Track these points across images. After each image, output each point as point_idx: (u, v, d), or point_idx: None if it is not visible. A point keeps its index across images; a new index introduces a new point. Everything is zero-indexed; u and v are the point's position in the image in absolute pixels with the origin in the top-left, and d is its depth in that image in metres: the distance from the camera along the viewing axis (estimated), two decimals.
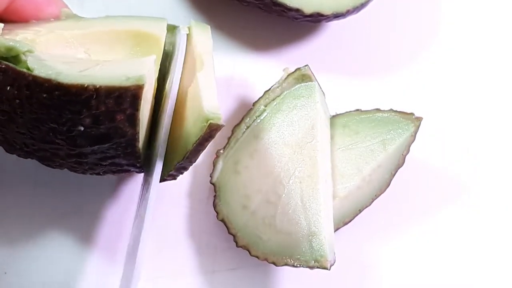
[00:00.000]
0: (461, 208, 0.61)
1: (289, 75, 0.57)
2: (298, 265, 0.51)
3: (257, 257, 0.52)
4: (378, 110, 0.57)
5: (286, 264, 0.51)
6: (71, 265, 0.56)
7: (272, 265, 0.53)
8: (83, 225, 0.56)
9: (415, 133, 0.56)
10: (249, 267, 0.57)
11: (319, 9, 0.56)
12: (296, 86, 0.56)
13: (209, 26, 0.55)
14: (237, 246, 0.52)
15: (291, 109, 0.55)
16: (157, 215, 0.57)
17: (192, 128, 0.46)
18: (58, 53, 0.50)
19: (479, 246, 0.60)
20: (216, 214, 0.54)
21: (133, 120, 0.43)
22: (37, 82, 0.42)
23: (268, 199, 0.53)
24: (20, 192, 0.56)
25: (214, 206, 0.54)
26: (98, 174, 0.50)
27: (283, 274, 0.58)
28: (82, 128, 0.44)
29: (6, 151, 0.48)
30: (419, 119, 0.56)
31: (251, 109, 0.56)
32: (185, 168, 0.49)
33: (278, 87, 0.56)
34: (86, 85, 0.42)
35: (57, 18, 0.53)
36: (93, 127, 0.44)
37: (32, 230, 0.56)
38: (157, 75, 0.51)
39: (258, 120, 0.55)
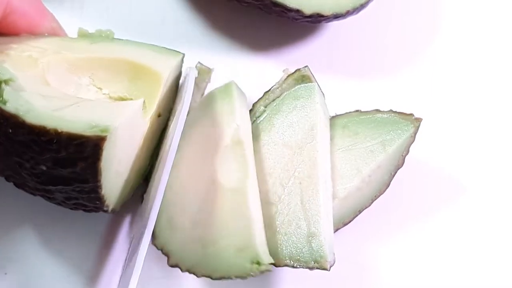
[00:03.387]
0: (460, 209, 0.61)
1: (289, 76, 0.57)
2: (297, 266, 0.50)
3: None
4: (377, 111, 0.57)
5: (285, 265, 0.51)
6: (72, 265, 0.56)
7: (272, 266, 0.53)
8: (85, 224, 0.57)
9: (415, 134, 0.56)
10: None
11: (319, 10, 0.56)
12: (296, 87, 0.56)
13: (245, 95, 0.56)
14: None
15: (291, 110, 0.55)
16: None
17: (233, 254, 0.48)
18: (58, 77, 0.50)
19: (478, 246, 0.60)
20: None
21: (95, 169, 0.44)
22: (4, 115, 0.42)
23: (267, 199, 0.52)
24: (21, 192, 0.56)
25: None
26: (70, 208, 0.51)
27: (282, 275, 0.57)
28: (44, 168, 0.44)
29: None
30: (418, 120, 0.56)
31: (250, 109, 0.56)
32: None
33: (278, 88, 0.57)
34: (48, 128, 0.42)
35: (64, 35, 0.53)
36: (54, 169, 0.44)
37: (32, 230, 0.56)
38: (152, 112, 0.51)
39: (258, 121, 0.55)
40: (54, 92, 0.47)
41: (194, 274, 0.49)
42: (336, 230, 0.54)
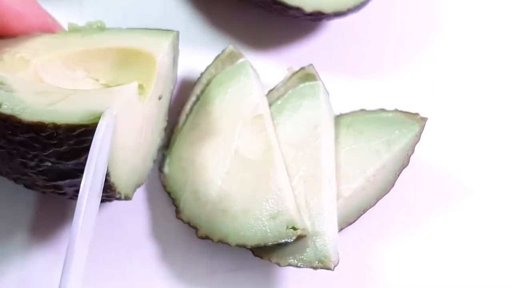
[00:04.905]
0: (466, 208, 0.61)
1: (293, 74, 0.57)
2: (301, 266, 0.51)
3: (260, 257, 0.52)
4: (382, 110, 0.57)
5: (289, 265, 0.51)
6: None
7: (274, 265, 0.53)
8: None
9: (420, 133, 0.56)
10: (250, 268, 0.57)
11: (319, 8, 0.56)
12: (301, 86, 0.56)
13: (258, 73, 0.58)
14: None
15: (295, 108, 0.55)
16: (159, 215, 0.57)
17: (267, 222, 0.51)
18: (52, 74, 0.50)
19: (484, 247, 0.60)
20: None
21: None
22: (1, 118, 0.42)
23: None
24: (19, 192, 0.56)
25: None
26: None
27: (285, 274, 0.57)
28: (49, 164, 0.44)
29: None
30: (424, 119, 0.56)
31: None
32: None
33: (282, 86, 0.57)
34: (46, 123, 0.42)
35: (60, 30, 0.53)
36: (59, 163, 0.44)
37: (31, 230, 0.56)
38: (150, 95, 0.51)
39: None
40: (46, 88, 0.47)
41: (227, 243, 0.51)
42: (340, 230, 0.54)
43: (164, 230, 0.57)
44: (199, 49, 0.61)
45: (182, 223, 0.53)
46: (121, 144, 0.46)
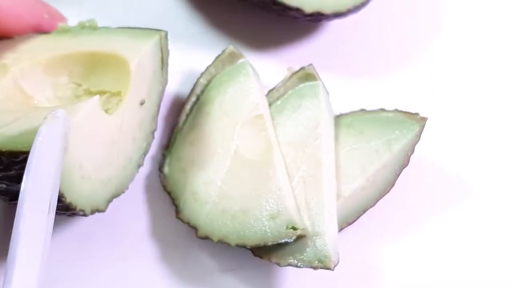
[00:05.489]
0: (466, 208, 0.60)
1: (293, 74, 0.57)
2: (301, 266, 0.50)
3: (260, 257, 0.52)
4: (382, 110, 0.57)
5: (289, 265, 0.51)
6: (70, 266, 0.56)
7: (274, 265, 0.53)
8: (85, 227, 0.56)
9: (420, 133, 0.56)
10: (250, 268, 0.57)
11: (319, 8, 0.56)
12: (300, 86, 0.56)
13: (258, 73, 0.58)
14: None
15: (295, 108, 0.55)
16: (159, 215, 0.57)
17: (266, 222, 0.51)
18: (33, 81, 0.50)
19: (484, 247, 0.60)
20: None
21: None
22: None
23: None
24: None
25: None
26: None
27: (285, 274, 0.57)
28: (4, 186, 0.44)
29: None
30: (424, 119, 0.56)
31: None
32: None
33: (282, 86, 0.57)
34: None
35: (53, 29, 0.53)
36: (13, 185, 0.44)
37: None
38: (126, 103, 0.50)
39: None
40: (6, 105, 0.47)
41: (227, 243, 0.51)
42: (340, 230, 0.54)
43: (164, 230, 0.57)
44: (199, 49, 0.61)
45: (182, 223, 0.53)
46: (78, 163, 0.45)
